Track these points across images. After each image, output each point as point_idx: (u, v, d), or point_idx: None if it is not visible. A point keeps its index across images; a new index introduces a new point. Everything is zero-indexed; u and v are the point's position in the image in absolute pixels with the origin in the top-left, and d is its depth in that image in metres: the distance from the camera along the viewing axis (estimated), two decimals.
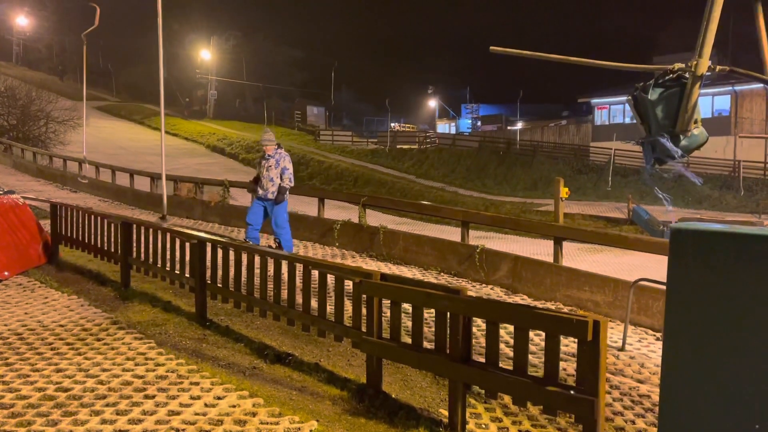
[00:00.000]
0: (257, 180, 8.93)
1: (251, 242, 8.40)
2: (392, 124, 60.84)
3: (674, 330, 2.79)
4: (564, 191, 9.62)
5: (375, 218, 12.98)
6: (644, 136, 3.15)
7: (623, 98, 40.15)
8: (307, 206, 14.59)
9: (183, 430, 3.68)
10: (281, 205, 8.74)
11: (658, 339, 6.54)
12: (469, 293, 4.41)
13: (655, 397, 5.05)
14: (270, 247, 8.33)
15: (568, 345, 5.70)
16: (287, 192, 8.82)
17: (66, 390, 4.23)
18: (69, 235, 8.73)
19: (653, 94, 3.03)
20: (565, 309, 7.25)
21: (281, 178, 8.66)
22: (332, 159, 38.23)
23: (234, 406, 4.08)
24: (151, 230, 7.09)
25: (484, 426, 4.34)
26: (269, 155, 8.70)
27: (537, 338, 5.90)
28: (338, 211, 13.61)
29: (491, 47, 3.84)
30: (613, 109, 40.83)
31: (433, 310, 4.48)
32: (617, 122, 40.36)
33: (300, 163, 36.50)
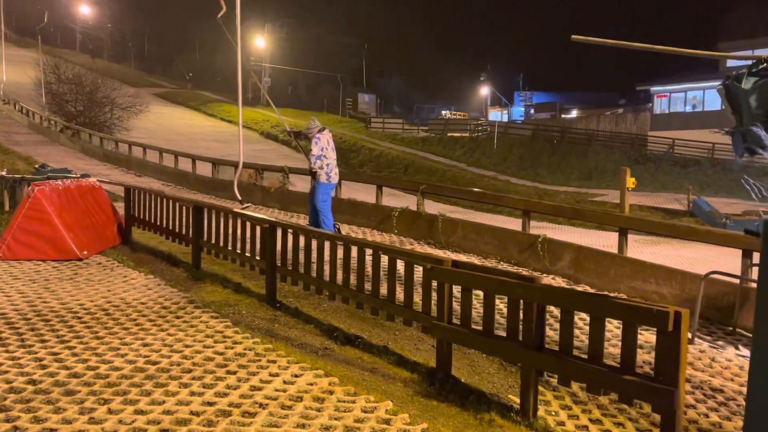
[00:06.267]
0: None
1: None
2: (443, 112, 60.47)
3: (766, 326, 2.75)
4: (630, 181, 9.43)
5: (426, 206, 13.02)
6: (735, 126, 3.11)
7: (684, 86, 38.85)
8: (358, 193, 14.75)
9: (266, 404, 3.86)
10: (315, 187, 8.92)
11: (727, 333, 6.41)
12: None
13: (729, 392, 4.98)
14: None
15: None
16: (319, 173, 8.85)
17: (154, 363, 4.48)
18: (141, 217, 9.13)
19: (747, 83, 2.97)
20: None
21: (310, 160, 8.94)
22: (383, 146, 38.34)
23: (311, 384, 4.24)
24: (222, 214, 7.35)
25: (554, 413, 4.38)
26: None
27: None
28: (389, 198, 13.71)
29: (573, 36, 3.81)
30: (673, 98, 39.53)
31: (503, 297, 4.53)
32: (678, 111, 39.04)
33: (351, 150, 36.78)
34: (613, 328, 6.03)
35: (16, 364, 4.36)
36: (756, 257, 6.14)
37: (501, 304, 5.76)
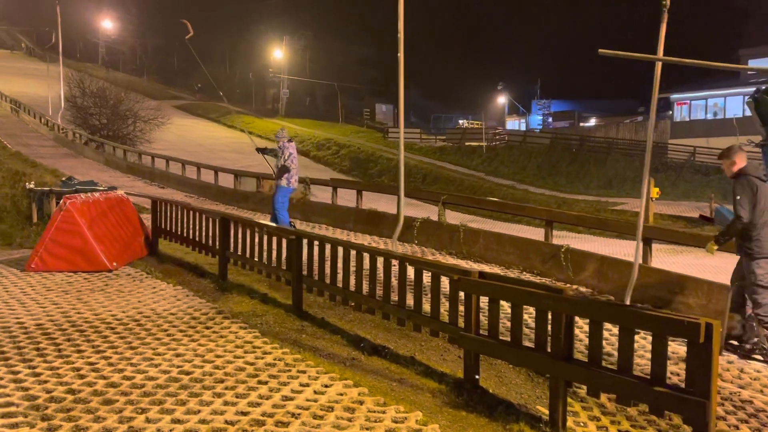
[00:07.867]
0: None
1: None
2: (460, 121, 60.50)
3: None
4: (655, 191, 9.42)
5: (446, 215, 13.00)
6: (765, 138, 3.14)
7: (705, 93, 38.51)
8: (377, 203, 14.82)
9: (299, 414, 3.93)
10: (277, 190, 10.05)
11: (755, 344, 6.35)
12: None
13: (758, 403, 4.95)
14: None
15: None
16: (281, 179, 10.01)
17: (188, 373, 4.58)
18: (168, 229, 9.29)
19: None
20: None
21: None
22: None
23: (341, 395, 4.31)
24: (248, 226, 7.47)
25: (582, 424, 4.39)
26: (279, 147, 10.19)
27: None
28: (409, 208, 13.70)
29: (600, 50, 3.86)
30: (693, 105, 39.21)
31: (530, 308, 4.56)
32: (698, 118, 38.68)
33: (369, 160, 36.97)
34: (640, 338, 6.01)
35: (55, 374, 4.48)
36: None
37: (525, 315, 5.78)
